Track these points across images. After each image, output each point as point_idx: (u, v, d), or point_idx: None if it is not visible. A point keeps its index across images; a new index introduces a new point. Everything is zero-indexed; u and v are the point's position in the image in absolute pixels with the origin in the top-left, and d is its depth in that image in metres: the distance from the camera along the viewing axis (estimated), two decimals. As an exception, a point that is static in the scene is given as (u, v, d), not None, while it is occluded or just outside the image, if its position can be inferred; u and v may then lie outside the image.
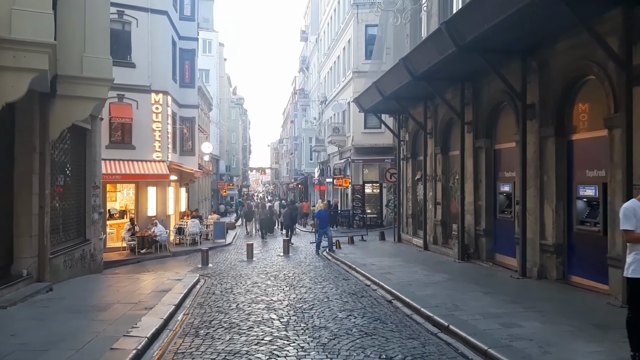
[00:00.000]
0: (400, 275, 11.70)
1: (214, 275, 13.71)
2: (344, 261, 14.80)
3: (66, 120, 10.90)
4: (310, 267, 14.51)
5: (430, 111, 16.87)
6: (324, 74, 42.17)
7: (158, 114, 22.71)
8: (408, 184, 19.48)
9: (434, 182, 16.65)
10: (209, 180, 44.83)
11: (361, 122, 29.38)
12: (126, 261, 19.67)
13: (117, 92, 21.93)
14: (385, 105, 18.58)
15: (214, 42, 53.94)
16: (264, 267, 14.72)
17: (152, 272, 14.62)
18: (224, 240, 24.21)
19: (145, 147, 22.44)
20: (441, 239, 16.17)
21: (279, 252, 19.34)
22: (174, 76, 25.25)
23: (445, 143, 16.19)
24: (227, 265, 16.16)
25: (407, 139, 19.45)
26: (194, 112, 27.71)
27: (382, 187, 29.89)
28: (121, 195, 24.49)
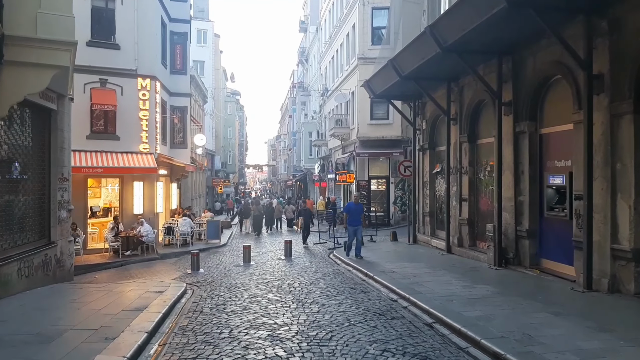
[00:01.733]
0: (432, 286, 9.52)
1: (205, 284, 11.51)
2: (358, 267, 12.63)
3: (17, 93, 8.70)
4: (318, 274, 12.31)
5: (454, 94, 14.69)
6: (325, 65, 39.94)
7: (145, 101, 20.43)
8: (425, 178, 17.30)
9: (459, 175, 14.49)
10: (204, 176, 42.54)
11: (367, 113, 27.18)
12: (108, 265, 17.54)
13: (99, 76, 19.84)
14: (400, 89, 16.38)
15: (209, 33, 51.61)
16: (264, 274, 12.52)
17: (131, 281, 12.41)
18: (219, 240, 21.98)
19: (130, 137, 20.19)
20: (468, 240, 14.00)
21: (279, 254, 17.15)
22: (164, 61, 22.99)
23: (472, 129, 14.01)
24: (221, 270, 13.96)
25: (424, 127, 17.25)
26: (185, 101, 25.42)
27: (389, 183, 27.73)
28: (106, 191, 22.28)
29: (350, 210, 14.86)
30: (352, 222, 14.45)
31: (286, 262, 14.96)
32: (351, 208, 14.94)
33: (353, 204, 15.14)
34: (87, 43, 19.38)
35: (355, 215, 14.55)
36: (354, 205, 15.00)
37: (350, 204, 15.31)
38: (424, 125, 17.27)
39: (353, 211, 14.72)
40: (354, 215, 14.56)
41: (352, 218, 14.51)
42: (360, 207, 15.14)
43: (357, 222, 14.39)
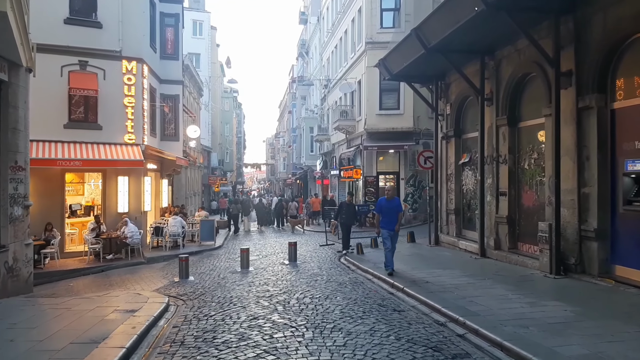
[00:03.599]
0: (486, 303, 7.29)
1: (193, 296, 9.28)
2: (380, 275, 10.38)
3: None
4: (332, 284, 10.06)
5: (489, 70, 12.47)
6: (327, 55, 37.70)
7: (131, 87, 18.18)
8: (449, 171, 15.07)
9: (495, 164, 12.26)
10: (199, 173, 40.29)
11: (376, 102, 24.95)
12: (87, 270, 15.37)
13: (78, 57, 17.65)
14: (420, 67, 14.20)
15: (205, 24, 49.39)
16: (265, 284, 10.28)
17: (103, 294, 10.13)
18: (213, 242, 19.72)
19: (114, 127, 17.96)
20: (507, 242, 11.78)
21: (282, 258, 14.92)
22: (153, 43, 20.72)
23: (513, 110, 11.78)
24: (214, 278, 11.72)
25: (448, 112, 15.02)
26: (177, 89, 23.13)
27: (399, 179, 25.49)
28: (89, 187, 20.04)
29: (382, 209, 11.01)
30: (388, 225, 10.81)
31: (291, 268, 12.71)
32: (383, 206, 11.01)
33: (385, 200, 11.16)
34: (64, 21, 17.32)
35: (391, 216, 10.84)
36: (386, 203, 11.03)
37: (382, 201, 11.26)
38: (448, 109, 15.04)
39: (386, 210, 10.92)
40: (388, 216, 10.86)
41: (386, 219, 10.87)
42: (396, 205, 11.10)
43: (393, 225, 10.82)
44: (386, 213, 10.93)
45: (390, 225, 10.79)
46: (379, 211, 11.13)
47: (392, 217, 10.84)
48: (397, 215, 10.91)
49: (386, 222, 10.88)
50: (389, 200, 11.08)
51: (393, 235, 10.80)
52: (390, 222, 10.81)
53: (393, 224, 10.80)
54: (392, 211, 10.89)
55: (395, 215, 10.87)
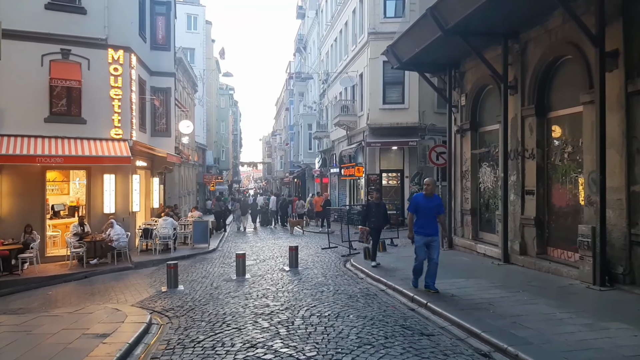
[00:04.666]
0: (536, 326, 6.01)
1: (181, 312, 7.98)
2: (396, 286, 9.07)
3: None
4: (342, 296, 8.74)
5: (513, 54, 11.18)
6: (326, 49, 36.36)
7: (117, 77, 16.84)
8: (464, 167, 13.78)
9: (520, 159, 10.98)
10: (194, 172, 38.92)
11: (379, 96, 23.64)
12: (68, 277, 14.15)
13: (60, 46, 16.32)
14: (433, 54, 12.91)
15: (200, 19, 47.92)
16: (264, 297, 8.97)
17: (75, 310, 8.80)
18: (207, 244, 18.38)
19: (99, 121, 16.63)
20: (535, 246, 10.49)
21: (281, 263, 13.63)
22: (142, 32, 19.37)
23: (542, 99, 10.50)
24: (206, 288, 10.41)
25: (464, 103, 13.73)
26: (169, 81, 21.76)
27: (403, 177, 24.21)
28: (74, 186, 18.75)
29: (418, 208, 8.61)
30: (424, 229, 8.51)
31: (292, 276, 11.40)
32: (420, 204, 8.63)
33: (422, 197, 8.77)
34: (45, 6, 16.03)
35: (428, 217, 8.56)
36: (424, 200, 8.65)
37: (418, 198, 8.87)
38: (463, 100, 13.75)
39: (424, 210, 8.56)
40: (425, 217, 8.55)
41: (422, 221, 8.55)
42: (437, 204, 8.71)
43: (431, 229, 8.54)
44: (423, 213, 8.58)
45: (427, 229, 8.50)
46: (414, 210, 8.68)
47: (431, 219, 8.57)
48: (436, 217, 8.64)
49: (422, 225, 8.53)
50: (428, 197, 8.64)
51: (430, 242, 8.48)
52: (427, 224, 8.52)
53: (431, 227, 8.53)
54: (431, 211, 8.58)
55: (434, 216, 8.61)
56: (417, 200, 8.84)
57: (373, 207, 12.47)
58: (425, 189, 8.89)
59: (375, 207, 12.45)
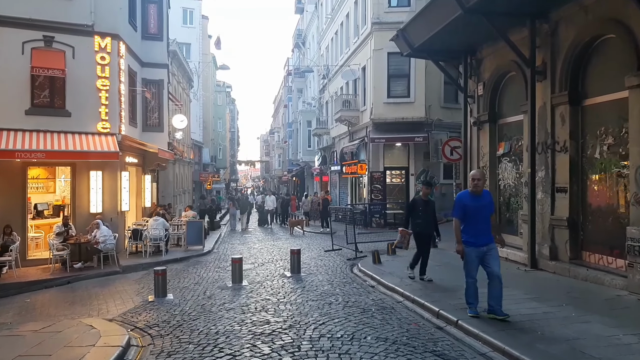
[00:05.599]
0: (602, 353, 4.85)
1: (166, 331, 6.80)
2: (413, 297, 7.89)
3: None
4: (354, 311, 7.54)
5: (540, 36, 10.02)
6: (326, 43, 35.17)
7: (104, 67, 15.67)
8: (482, 163, 12.61)
9: (549, 153, 9.83)
10: (190, 170, 37.68)
11: (383, 90, 22.47)
12: (50, 282, 13.02)
13: (42, 32, 15.22)
14: (448, 38, 11.75)
15: (196, 13, 46.64)
16: (263, 309, 7.79)
17: (42, 328, 7.60)
18: (201, 246, 17.17)
19: (85, 113, 15.49)
20: (568, 251, 9.34)
21: (282, 267, 12.47)
22: (132, 20, 18.15)
23: (576, 85, 9.34)
24: (198, 297, 9.24)
25: (481, 92, 12.56)
26: (162, 73, 20.53)
27: (408, 175, 23.05)
28: (60, 184, 17.60)
29: (466, 210, 6.63)
30: (476, 237, 6.54)
31: (294, 283, 10.22)
32: (468, 205, 6.63)
33: (469, 195, 6.80)
34: (27, -11, 14.77)
35: (481, 220, 6.58)
36: (472, 199, 6.67)
37: (464, 196, 6.89)
38: (480, 90, 12.58)
39: (473, 211, 6.59)
40: (477, 221, 6.56)
41: (473, 227, 6.56)
42: (488, 202, 6.76)
43: (486, 236, 6.57)
44: (473, 217, 6.52)
45: (480, 237, 6.48)
46: (461, 214, 6.64)
47: (483, 223, 6.57)
48: (489, 219, 6.68)
49: (473, 232, 6.50)
50: (476, 196, 6.63)
51: (489, 254, 6.48)
52: (480, 231, 6.50)
53: (485, 234, 6.53)
54: (483, 212, 6.59)
55: (487, 218, 6.63)
56: (463, 200, 6.74)
57: (420, 205, 9.59)
58: (473, 185, 6.72)
59: (422, 205, 9.54)
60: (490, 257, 6.49)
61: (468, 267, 6.64)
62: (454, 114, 22.67)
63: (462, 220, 6.65)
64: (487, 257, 6.49)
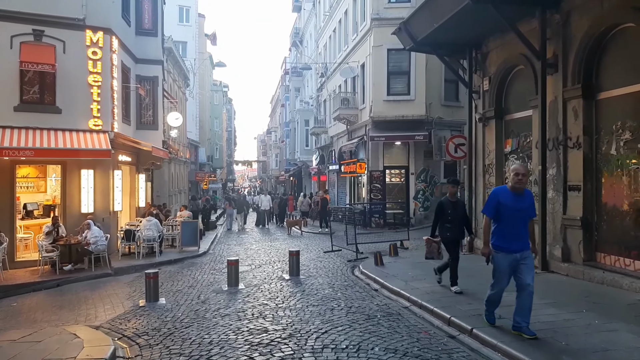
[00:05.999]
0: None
1: (155, 340, 6.29)
2: (421, 302, 7.39)
3: None
4: (358, 317, 7.04)
5: (551, 27, 9.55)
6: (324, 41, 34.68)
7: (96, 62, 15.15)
8: (488, 161, 12.15)
9: (561, 150, 9.36)
10: (186, 169, 37.14)
11: (383, 87, 21.97)
12: (38, 285, 12.49)
13: (32, 26, 14.66)
14: (453, 31, 11.27)
15: (192, 11, 46.08)
16: (261, 317, 7.29)
17: (21, 337, 7.08)
18: (197, 247, 16.65)
19: (76, 110, 14.97)
20: (581, 252, 8.87)
21: (279, 269, 11.97)
22: (126, 15, 17.62)
23: (589, 78, 8.88)
24: (192, 302, 8.73)
25: (487, 87, 12.09)
26: (156, 69, 20.00)
27: (408, 174, 22.58)
28: (52, 183, 17.04)
29: (502, 210, 5.70)
30: (509, 242, 5.66)
31: (294, 287, 9.72)
32: (504, 203, 5.69)
33: (507, 191, 5.77)
34: (14, -19, 14.23)
35: (517, 223, 5.67)
36: (510, 198, 5.70)
37: (499, 193, 5.83)
38: (486, 85, 12.11)
39: (509, 212, 5.65)
40: (512, 223, 5.66)
41: (507, 229, 5.68)
42: (529, 203, 5.78)
43: (521, 241, 5.68)
44: (508, 218, 5.61)
45: (513, 242, 5.60)
46: (493, 212, 5.72)
47: (520, 226, 5.64)
48: (527, 223, 5.73)
49: (506, 235, 5.64)
50: (517, 194, 5.66)
51: (520, 262, 5.62)
52: (515, 235, 5.61)
53: (520, 239, 5.63)
54: (521, 214, 5.63)
55: (524, 222, 5.69)
56: (498, 196, 5.71)
57: (448, 208, 8.25)
58: (516, 181, 5.59)
59: (451, 207, 8.24)
60: (524, 266, 5.61)
61: (497, 275, 5.75)
62: (454, 112, 22.26)
63: (495, 220, 5.73)
64: (521, 266, 5.60)
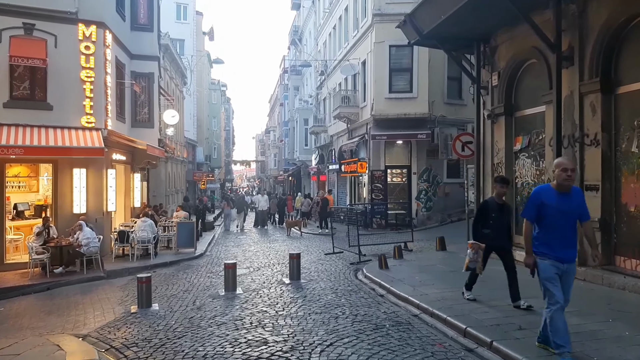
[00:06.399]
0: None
1: (144, 353, 5.80)
2: (431, 310, 6.88)
3: None
4: (365, 327, 6.53)
5: (567, 19, 9.06)
6: (324, 39, 34.17)
7: (89, 57, 14.66)
8: (497, 159, 11.65)
9: (577, 147, 8.87)
10: (183, 168, 36.58)
11: (385, 84, 21.46)
12: (27, 288, 12.04)
13: (22, 19, 14.20)
14: (461, 23, 10.80)
15: (190, 8, 45.57)
16: (260, 326, 6.78)
17: (1, 348, 6.59)
18: (193, 249, 16.12)
19: (68, 107, 14.50)
20: (599, 255, 8.36)
21: (279, 272, 11.47)
22: (120, 8, 17.11)
23: (608, 71, 8.39)
24: (187, 308, 8.22)
25: (495, 83, 11.59)
26: (152, 66, 19.46)
27: (410, 174, 22.08)
28: (44, 183, 16.55)
29: (546, 212, 4.83)
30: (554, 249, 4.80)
31: (294, 292, 9.21)
32: (548, 204, 4.81)
33: (552, 191, 4.86)
34: (4, -28, 13.75)
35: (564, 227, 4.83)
36: (556, 198, 4.81)
37: (544, 192, 4.91)
38: (495, 80, 11.61)
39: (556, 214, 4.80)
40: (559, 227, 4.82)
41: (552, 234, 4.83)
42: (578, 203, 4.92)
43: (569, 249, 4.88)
44: (555, 221, 4.80)
45: (559, 249, 4.77)
46: (535, 215, 4.89)
47: (567, 231, 4.83)
48: (575, 226, 4.93)
49: (552, 242, 4.80)
50: (563, 193, 4.82)
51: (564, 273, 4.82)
52: (561, 241, 4.79)
53: (568, 246, 4.83)
54: (569, 217, 4.83)
55: (572, 225, 4.88)
56: (542, 197, 4.85)
57: (493, 211, 7.15)
58: (565, 177, 4.75)
59: (496, 209, 7.14)
60: (566, 279, 4.84)
61: (547, 285, 4.75)
62: (457, 111, 21.77)
63: (537, 224, 4.89)
64: (563, 278, 4.81)
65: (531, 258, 4.88)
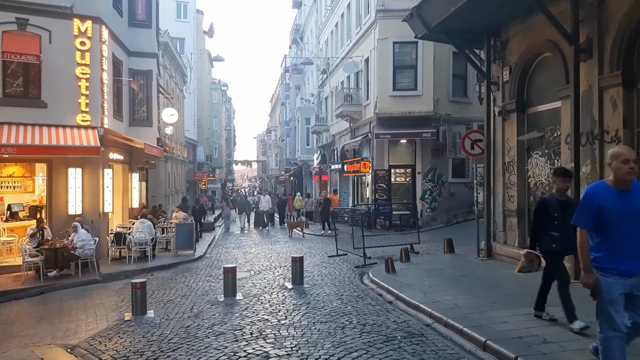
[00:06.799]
0: None
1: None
2: (446, 319, 6.39)
3: None
4: (375, 338, 6.01)
5: (585, 10, 8.56)
6: (326, 37, 33.70)
7: (85, 53, 14.21)
8: (508, 158, 11.14)
9: (596, 145, 8.38)
10: (184, 168, 36.14)
11: (389, 82, 20.99)
12: (20, 292, 11.64)
13: (15, 14, 13.85)
14: (471, 16, 10.31)
15: (190, 6, 45.14)
16: (261, 337, 6.30)
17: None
18: (192, 251, 15.65)
19: (63, 104, 14.10)
20: None
21: (281, 276, 10.99)
22: (118, 4, 16.67)
23: (631, 64, 7.88)
24: (183, 317, 7.75)
25: (507, 78, 11.09)
26: (150, 63, 18.99)
27: (414, 173, 21.60)
28: (39, 183, 16.14)
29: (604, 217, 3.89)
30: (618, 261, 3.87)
31: (297, 297, 8.73)
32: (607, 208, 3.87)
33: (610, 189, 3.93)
34: (-4, -35, 13.32)
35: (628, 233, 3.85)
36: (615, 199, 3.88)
37: (598, 190, 3.99)
38: (506, 75, 11.11)
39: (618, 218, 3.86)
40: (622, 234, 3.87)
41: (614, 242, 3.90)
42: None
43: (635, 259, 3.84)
44: (616, 226, 3.90)
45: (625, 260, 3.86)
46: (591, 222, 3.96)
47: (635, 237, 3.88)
48: None
49: (615, 253, 3.91)
50: (623, 191, 3.91)
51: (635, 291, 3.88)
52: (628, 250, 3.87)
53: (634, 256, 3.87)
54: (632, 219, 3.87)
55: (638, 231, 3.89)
56: (597, 199, 3.95)
57: (555, 210, 5.91)
58: (622, 172, 3.86)
59: (559, 208, 5.90)
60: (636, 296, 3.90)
61: (606, 309, 3.88)
62: (462, 109, 21.29)
63: (595, 232, 3.98)
64: (636, 298, 3.90)
65: (591, 277, 3.91)
